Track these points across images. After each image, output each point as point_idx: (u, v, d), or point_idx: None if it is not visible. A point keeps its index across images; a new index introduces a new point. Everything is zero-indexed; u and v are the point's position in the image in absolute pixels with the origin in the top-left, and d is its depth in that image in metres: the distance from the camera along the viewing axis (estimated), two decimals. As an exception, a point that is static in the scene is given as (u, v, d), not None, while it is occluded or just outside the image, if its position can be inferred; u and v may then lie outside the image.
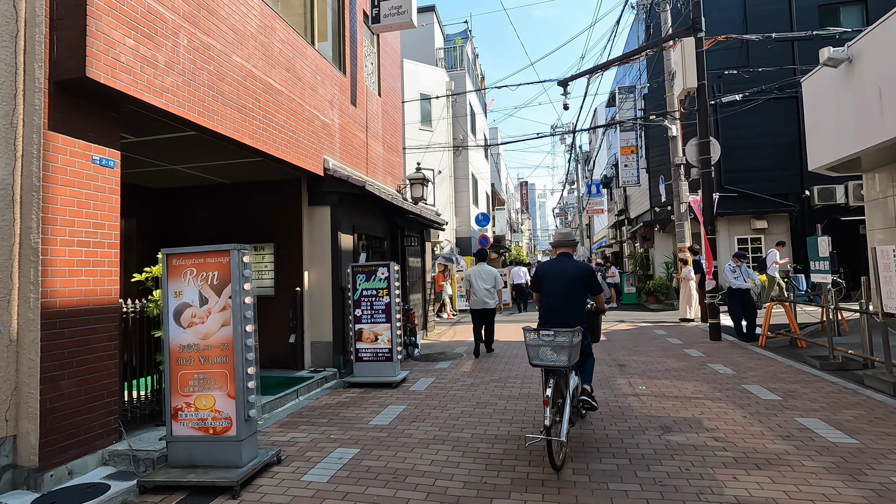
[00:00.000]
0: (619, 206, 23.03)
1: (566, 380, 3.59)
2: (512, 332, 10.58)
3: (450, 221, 18.73)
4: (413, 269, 10.17)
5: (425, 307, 10.77)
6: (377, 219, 8.39)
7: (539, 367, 3.59)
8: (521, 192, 45.37)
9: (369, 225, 8.05)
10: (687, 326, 10.92)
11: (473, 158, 21.14)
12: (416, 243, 10.01)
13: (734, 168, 15.31)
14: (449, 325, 12.93)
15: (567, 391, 3.55)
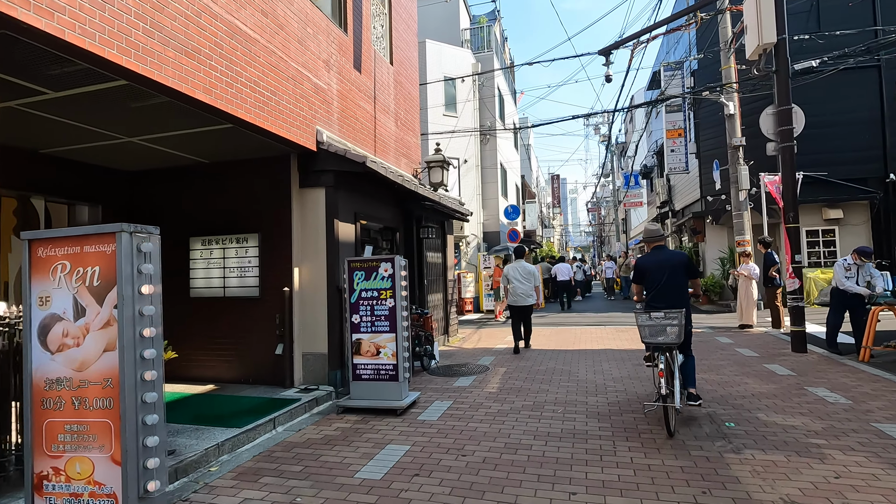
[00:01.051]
0: (661, 198, 21.14)
1: (673, 355, 4.07)
2: (547, 338, 9.17)
3: (476, 214, 17.36)
4: (432, 266, 8.88)
5: (447, 309, 9.46)
6: (387, 206, 7.14)
7: (650, 345, 4.20)
8: (552, 186, 43.48)
9: (377, 213, 6.80)
10: (753, 333, 9.24)
11: (502, 147, 19.68)
12: (435, 235, 8.72)
13: (804, 149, 13.29)
14: (475, 328, 11.60)
15: (675, 365, 4.02)
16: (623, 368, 6.46)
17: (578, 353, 7.64)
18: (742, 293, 9.96)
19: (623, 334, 9.57)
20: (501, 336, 9.91)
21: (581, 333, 9.90)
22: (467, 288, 15.12)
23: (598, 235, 60.91)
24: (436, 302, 8.97)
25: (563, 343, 8.73)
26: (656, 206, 22.94)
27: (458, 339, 9.76)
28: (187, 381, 5.83)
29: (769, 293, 9.36)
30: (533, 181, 33.85)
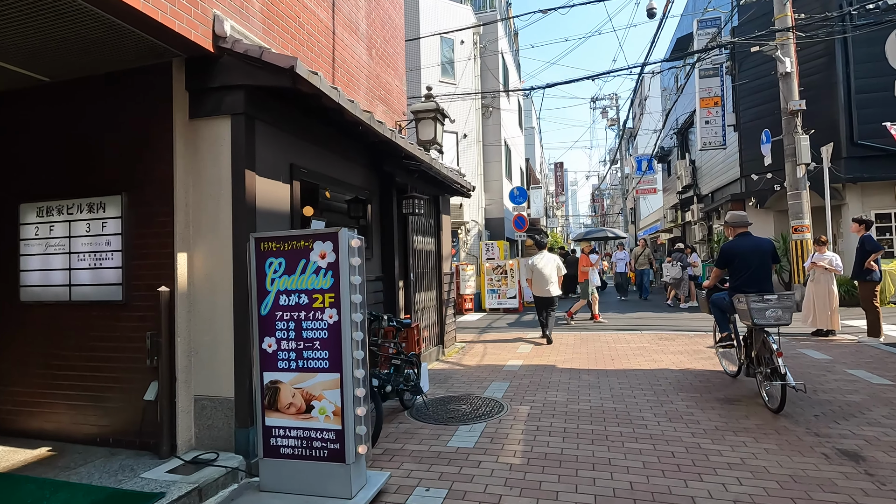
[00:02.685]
0: (683, 182, 18.87)
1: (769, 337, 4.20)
2: (575, 350, 6.90)
3: (477, 198, 15.06)
4: (421, 255, 6.60)
5: (442, 313, 7.19)
6: (353, 165, 4.84)
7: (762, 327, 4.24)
8: (555, 174, 41.20)
9: (335, 172, 4.50)
10: (843, 343, 7.01)
11: (506, 122, 17.35)
12: (424, 213, 6.46)
13: (871, 117, 11.07)
14: (477, 333, 9.34)
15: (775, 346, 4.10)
16: (706, 402, 4.22)
17: (627, 377, 5.39)
18: (819, 290, 7.69)
19: (669, 344, 7.33)
20: (511, 347, 7.66)
21: (615, 342, 7.65)
22: (467, 283, 12.85)
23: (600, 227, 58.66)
24: (426, 303, 6.70)
25: (598, 358, 6.49)
26: (676, 192, 20.66)
27: (457, 351, 7.50)
28: (12, 435, 3.56)
29: (866, 290, 7.09)
30: (537, 166, 31.54)
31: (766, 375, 4.20)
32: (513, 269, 12.84)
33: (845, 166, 11.07)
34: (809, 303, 7.80)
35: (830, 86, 11.41)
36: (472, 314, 12.56)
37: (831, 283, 7.61)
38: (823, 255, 7.71)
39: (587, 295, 10.17)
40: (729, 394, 4.69)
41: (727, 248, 4.65)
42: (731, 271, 4.61)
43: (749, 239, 4.63)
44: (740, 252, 4.53)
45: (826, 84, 11.46)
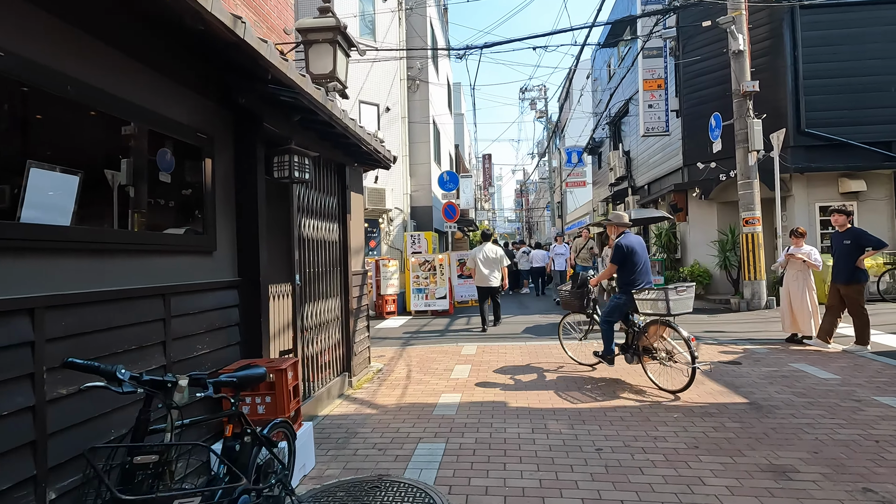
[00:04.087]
0: (617, 173, 18.17)
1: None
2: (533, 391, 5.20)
3: (401, 183, 13.08)
4: (316, 247, 4.53)
5: (348, 327, 5.16)
6: (168, 80, 2.66)
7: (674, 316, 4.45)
8: (484, 166, 40.10)
9: (111, 80, 2.30)
10: (833, 353, 5.94)
11: (435, 98, 15.50)
12: (320, 186, 4.42)
13: (819, 104, 10.52)
14: (400, 346, 7.41)
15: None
16: (746, 473, 2.64)
17: (611, 422, 3.73)
18: (796, 289, 6.62)
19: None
20: (444, 366, 5.81)
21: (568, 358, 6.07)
22: (389, 281, 10.86)
23: (525, 221, 58.89)
24: (324, 317, 4.64)
25: (558, 384, 4.82)
26: (608, 185, 20.01)
27: (371, 378, 5.52)
28: None
29: (855, 292, 6.04)
30: (467, 156, 30.08)
31: (660, 359, 4.61)
32: (443, 264, 11.04)
33: (792, 156, 10.43)
34: (786, 304, 6.71)
35: (777, 70, 10.74)
36: (394, 319, 10.60)
37: (809, 279, 6.56)
38: (801, 247, 6.64)
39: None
40: (766, 454, 3.15)
41: (625, 244, 4.82)
42: (626, 267, 4.82)
43: (635, 236, 4.98)
44: (634, 249, 4.82)
45: (772, 68, 10.78)
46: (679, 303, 4.40)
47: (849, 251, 6.00)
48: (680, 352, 4.49)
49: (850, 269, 5.98)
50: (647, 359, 4.75)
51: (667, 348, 4.60)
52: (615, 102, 17.82)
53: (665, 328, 4.56)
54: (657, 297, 4.47)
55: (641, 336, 4.72)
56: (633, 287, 4.73)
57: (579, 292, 5.47)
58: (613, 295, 5.08)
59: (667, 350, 4.59)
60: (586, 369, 5.51)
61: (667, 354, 4.57)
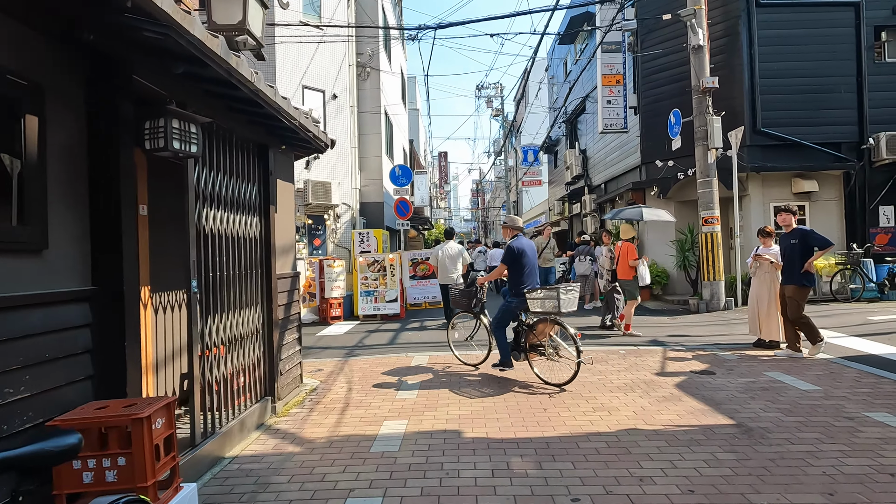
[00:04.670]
0: (573, 172, 17.95)
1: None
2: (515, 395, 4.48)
3: (350, 177, 12.15)
4: (230, 243, 3.64)
5: (272, 343, 4.27)
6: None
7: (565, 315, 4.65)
8: (439, 164, 39.42)
9: None
10: (804, 359, 5.62)
11: (387, 88, 14.62)
12: (237, 168, 3.55)
13: (774, 104, 10.49)
14: (343, 357, 6.55)
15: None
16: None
17: (588, 461, 3.09)
18: (764, 292, 6.28)
19: (606, 369, 5.30)
20: (390, 384, 5.02)
21: (535, 370, 5.44)
22: (334, 283, 9.93)
23: (481, 221, 58.69)
24: (238, 332, 3.76)
25: (522, 406, 4.15)
26: (564, 184, 19.80)
27: (301, 400, 4.65)
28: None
29: (800, 295, 5.70)
30: (421, 152, 29.30)
31: (548, 355, 4.77)
32: (394, 264, 10.23)
33: (748, 155, 10.35)
34: (754, 307, 6.37)
35: (733, 68, 10.64)
36: (340, 325, 9.68)
37: (777, 281, 6.24)
38: (770, 248, 6.32)
39: (636, 295, 7.46)
40: (776, 499, 2.58)
41: (516, 246, 4.94)
42: (517, 268, 4.92)
43: (527, 240, 5.14)
44: (524, 251, 4.93)
45: (729, 66, 10.67)
46: (568, 301, 4.63)
47: (796, 251, 5.68)
48: (566, 347, 4.76)
49: (797, 270, 5.65)
50: (534, 355, 4.89)
51: (554, 345, 4.80)
52: (572, 100, 17.56)
53: (553, 326, 4.76)
54: (547, 297, 4.66)
55: (530, 334, 4.86)
56: (523, 287, 4.87)
57: (469, 291, 5.56)
58: (506, 298, 5.21)
59: (554, 346, 4.80)
60: (553, 382, 4.88)
61: (554, 350, 4.79)
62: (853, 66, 10.48)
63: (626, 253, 7.36)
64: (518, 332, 5.01)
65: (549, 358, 4.79)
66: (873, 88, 10.42)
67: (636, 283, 7.36)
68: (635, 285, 7.38)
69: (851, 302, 9.57)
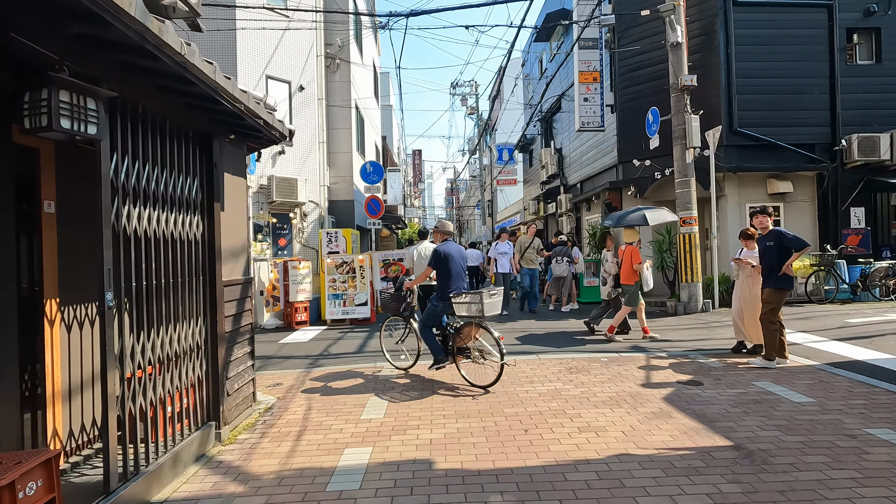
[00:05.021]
0: (549, 171, 17.73)
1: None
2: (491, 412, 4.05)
3: (318, 174, 11.55)
4: (162, 246, 3.10)
5: (215, 360, 3.73)
6: None
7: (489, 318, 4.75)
8: (414, 162, 38.86)
9: None
10: (791, 367, 5.40)
11: (359, 81, 14.04)
12: (172, 159, 3.01)
13: (750, 104, 10.42)
14: (305, 368, 6.02)
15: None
16: None
17: (577, 497, 2.70)
18: (748, 295, 6.06)
19: (588, 380, 4.95)
20: (355, 401, 4.54)
21: (510, 381, 5.03)
22: (300, 286, 9.35)
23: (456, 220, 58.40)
24: (173, 347, 3.23)
25: (500, 427, 3.74)
26: (540, 183, 19.59)
27: (251, 424, 4.12)
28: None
29: (776, 298, 5.47)
30: (395, 150, 28.71)
31: (474, 357, 4.85)
32: (364, 265, 9.71)
33: (725, 155, 10.24)
34: (737, 311, 6.14)
35: (710, 67, 10.52)
36: (305, 330, 9.09)
37: (756, 283, 6.01)
38: (753, 251, 6.10)
39: (636, 301, 7.07)
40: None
41: (443, 251, 5.03)
42: (443, 272, 5.01)
43: (454, 245, 5.24)
44: (451, 256, 5.02)
45: (706, 65, 10.54)
46: (491, 305, 4.73)
47: (772, 253, 5.46)
48: (490, 350, 4.82)
49: (775, 273, 5.43)
50: (461, 358, 4.96)
51: (479, 347, 4.87)
52: (548, 98, 17.33)
53: (478, 329, 4.87)
54: (472, 301, 4.73)
55: (456, 337, 4.94)
56: (449, 291, 4.95)
57: (398, 295, 5.56)
58: (430, 302, 5.24)
59: (479, 349, 4.87)
60: (523, 393, 4.49)
61: (479, 353, 4.86)
62: (826, 68, 10.50)
63: (630, 257, 7.05)
64: (445, 337, 5.08)
65: (474, 360, 4.87)
66: (845, 90, 10.46)
67: (638, 288, 7.06)
68: (637, 290, 7.07)
69: (825, 303, 9.55)
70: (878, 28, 10.64)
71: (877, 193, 10.79)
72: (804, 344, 6.50)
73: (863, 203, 10.55)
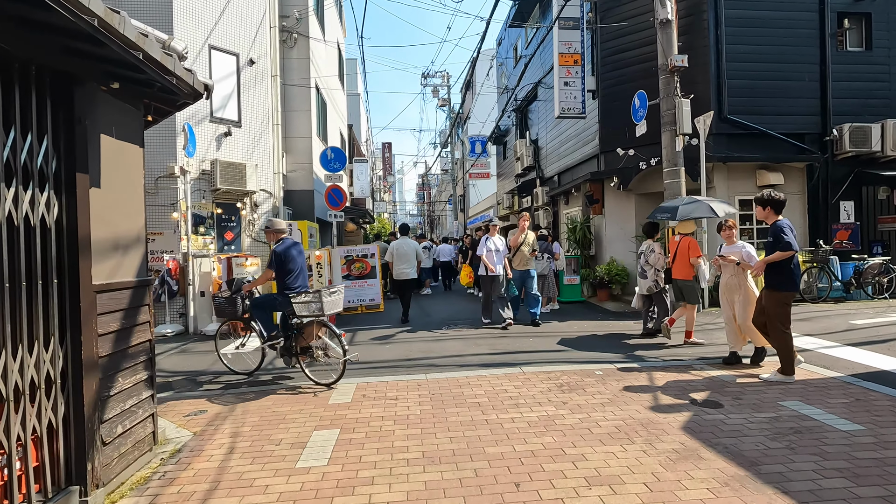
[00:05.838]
0: (524, 163, 16.91)
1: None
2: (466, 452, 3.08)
3: (271, 160, 10.33)
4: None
5: (79, 398, 2.62)
6: None
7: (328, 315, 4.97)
8: (384, 155, 37.55)
9: None
10: (814, 379, 4.65)
11: (320, 59, 12.81)
12: None
13: (741, 90, 9.78)
14: (239, 390, 4.91)
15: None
16: None
17: None
18: (736, 299, 5.29)
19: (585, 402, 4.06)
20: (303, 420, 3.49)
21: (490, 405, 4.09)
22: (246, 286, 8.13)
23: (427, 216, 57.27)
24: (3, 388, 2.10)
25: (480, 472, 2.78)
26: (514, 176, 18.76)
27: (142, 481, 3.00)
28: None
29: (770, 301, 4.70)
30: (364, 142, 27.40)
31: (317, 356, 4.85)
32: (321, 262, 8.59)
33: (714, 143, 9.57)
34: (729, 316, 5.34)
35: (699, 50, 9.82)
36: (253, 337, 7.91)
37: (747, 284, 5.25)
38: (734, 245, 5.35)
39: (697, 298, 6.34)
40: None
41: (280, 250, 4.96)
42: (284, 271, 4.95)
43: (290, 240, 5.12)
44: (290, 255, 4.99)
45: (694, 47, 9.84)
46: (330, 303, 4.77)
47: (770, 251, 4.70)
48: (334, 347, 4.86)
49: (772, 271, 4.66)
50: (305, 358, 4.92)
51: (322, 346, 4.87)
52: (523, 85, 16.48)
53: (321, 327, 4.91)
54: (312, 300, 4.74)
55: (300, 337, 4.91)
56: (290, 291, 4.91)
57: (233, 299, 5.32)
58: (274, 294, 5.08)
59: (323, 347, 4.87)
60: (508, 422, 3.54)
61: (323, 351, 4.85)
62: (817, 54, 9.96)
63: (686, 249, 6.19)
64: (288, 337, 4.99)
65: (318, 359, 4.85)
66: (836, 78, 9.95)
67: (694, 286, 6.28)
68: (693, 289, 6.28)
69: (818, 302, 9.01)
70: (868, 14, 10.17)
71: (865, 187, 10.36)
72: (816, 350, 5.81)
73: (852, 197, 10.09)
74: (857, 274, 9.06)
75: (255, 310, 5.19)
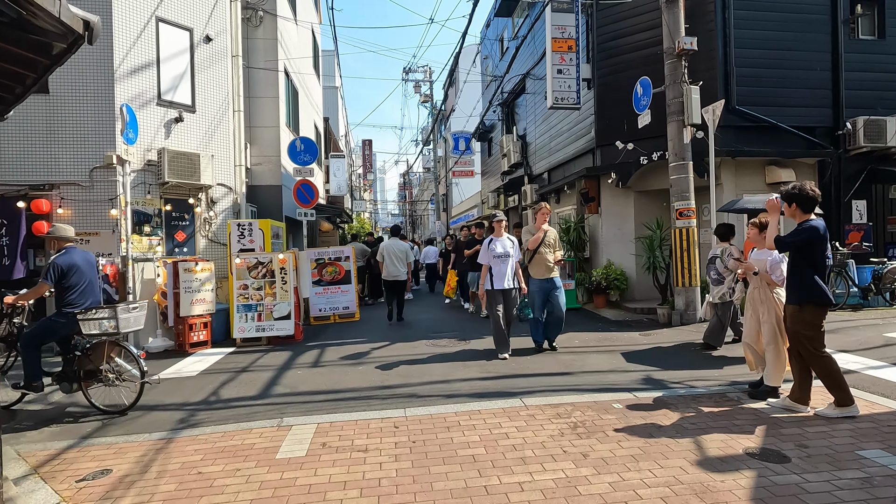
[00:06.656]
0: (511, 160, 16.00)
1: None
2: None
3: (231, 152, 9.17)
4: None
5: None
6: None
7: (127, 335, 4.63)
8: (363, 153, 36.31)
9: None
10: (877, 416, 3.79)
11: (289, 41, 11.67)
12: None
13: (750, 80, 9.00)
14: (168, 432, 3.83)
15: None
16: None
17: None
18: (762, 314, 4.35)
19: (608, 451, 3.10)
20: (238, 486, 2.48)
21: (486, 455, 3.11)
22: (196, 295, 7.04)
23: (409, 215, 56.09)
24: None
25: None
26: (501, 173, 17.84)
27: None
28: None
29: (793, 318, 3.84)
30: (342, 138, 26.18)
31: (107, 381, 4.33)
32: (286, 267, 7.50)
33: (721, 137, 8.77)
34: (753, 332, 4.42)
35: (705, 35, 9.01)
36: (203, 354, 6.78)
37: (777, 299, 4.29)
38: (763, 251, 4.45)
39: None
40: None
41: (62, 263, 4.30)
42: (66, 286, 4.30)
43: (80, 253, 4.50)
44: (77, 268, 4.37)
45: (700, 32, 8.99)
46: (129, 320, 4.38)
47: (791, 258, 3.86)
48: (130, 370, 4.40)
49: (795, 283, 3.80)
50: (91, 382, 4.40)
51: (116, 369, 4.39)
52: (511, 77, 15.57)
53: (115, 347, 4.40)
54: (107, 317, 4.31)
55: (86, 360, 4.36)
56: (75, 308, 4.32)
57: None
58: (52, 315, 4.43)
59: (116, 371, 4.38)
60: (515, 491, 2.57)
61: (116, 375, 4.38)
62: (829, 41, 9.26)
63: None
64: (69, 360, 4.40)
65: (108, 384, 4.36)
66: (848, 68, 9.25)
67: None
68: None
69: (836, 310, 8.27)
70: (881, 0, 9.51)
71: (876, 185, 9.71)
72: (862, 372, 4.98)
73: (864, 195, 9.42)
74: (876, 279, 8.36)
75: (28, 349, 4.30)
